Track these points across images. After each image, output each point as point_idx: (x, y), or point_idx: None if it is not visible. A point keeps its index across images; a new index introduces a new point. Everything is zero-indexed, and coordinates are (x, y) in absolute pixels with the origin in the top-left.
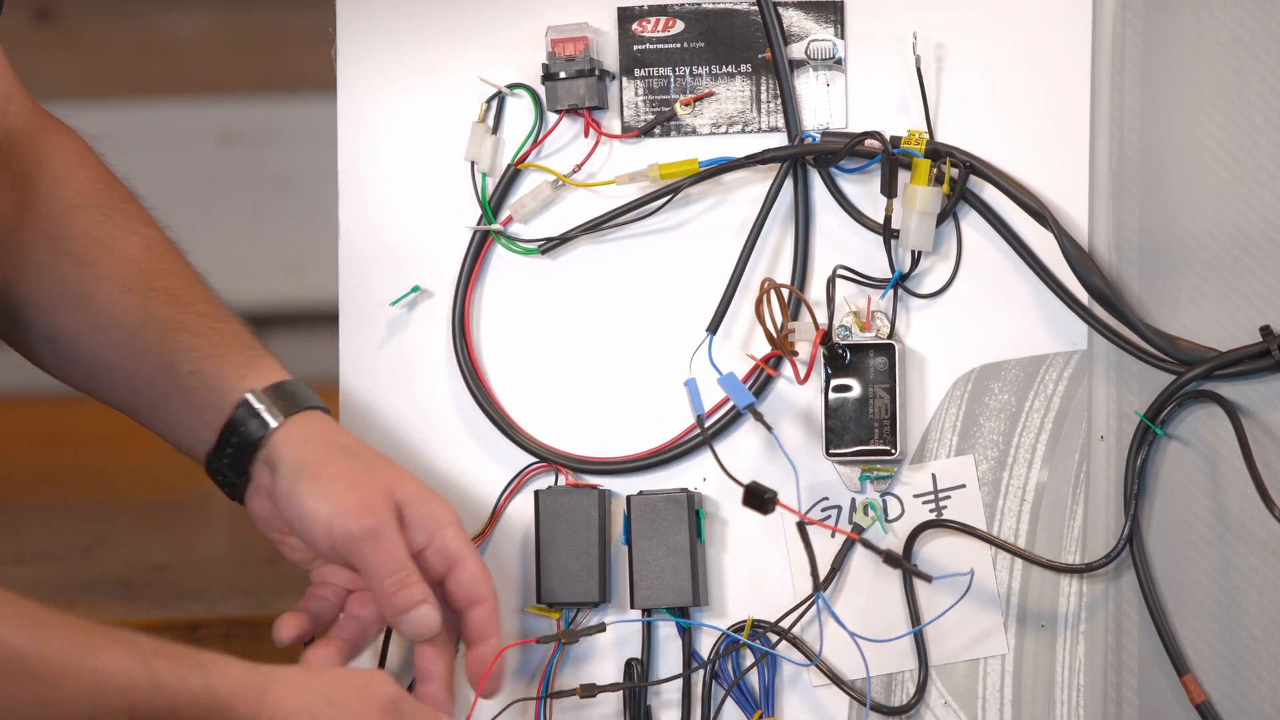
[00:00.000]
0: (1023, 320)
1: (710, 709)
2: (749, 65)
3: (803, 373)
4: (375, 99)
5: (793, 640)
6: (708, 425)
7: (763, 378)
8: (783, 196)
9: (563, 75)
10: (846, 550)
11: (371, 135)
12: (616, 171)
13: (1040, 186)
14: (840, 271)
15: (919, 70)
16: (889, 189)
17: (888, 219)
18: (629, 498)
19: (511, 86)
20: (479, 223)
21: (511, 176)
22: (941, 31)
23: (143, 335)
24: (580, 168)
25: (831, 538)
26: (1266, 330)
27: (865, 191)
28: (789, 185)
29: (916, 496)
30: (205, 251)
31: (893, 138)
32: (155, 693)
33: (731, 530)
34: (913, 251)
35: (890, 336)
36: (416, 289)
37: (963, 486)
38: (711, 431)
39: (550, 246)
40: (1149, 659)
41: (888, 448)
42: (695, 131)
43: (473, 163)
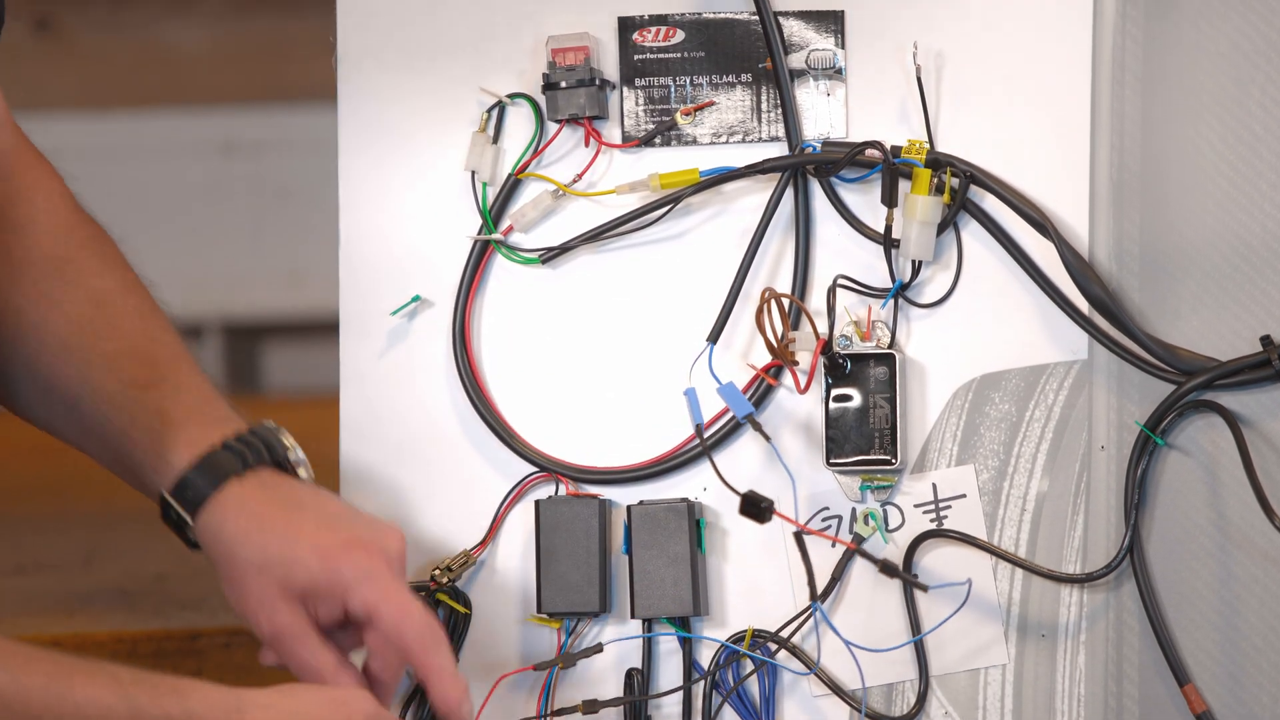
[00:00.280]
0: (1023, 330)
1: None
2: (749, 75)
3: (803, 382)
4: (376, 108)
5: (792, 650)
6: (707, 435)
7: (763, 387)
8: (783, 206)
9: (563, 85)
10: (846, 560)
11: (372, 145)
12: (617, 181)
13: (1041, 196)
14: (841, 281)
15: (919, 80)
16: (889, 199)
17: (888, 228)
18: (629, 507)
19: (512, 96)
20: (479, 232)
21: (512, 186)
22: (942, 41)
23: (82, 405)
24: (580, 177)
25: (832, 547)
26: (1267, 340)
27: (866, 201)
28: (789, 195)
29: (917, 506)
30: (206, 261)
31: (893, 147)
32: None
33: (732, 540)
34: (913, 261)
35: (891, 346)
36: (417, 298)
37: (963, 496)
38: (711, 441)
39: (551, 256)
40: (1149, 669)
41: (888, 457)
42: (696, 141)
43: (473, 172)
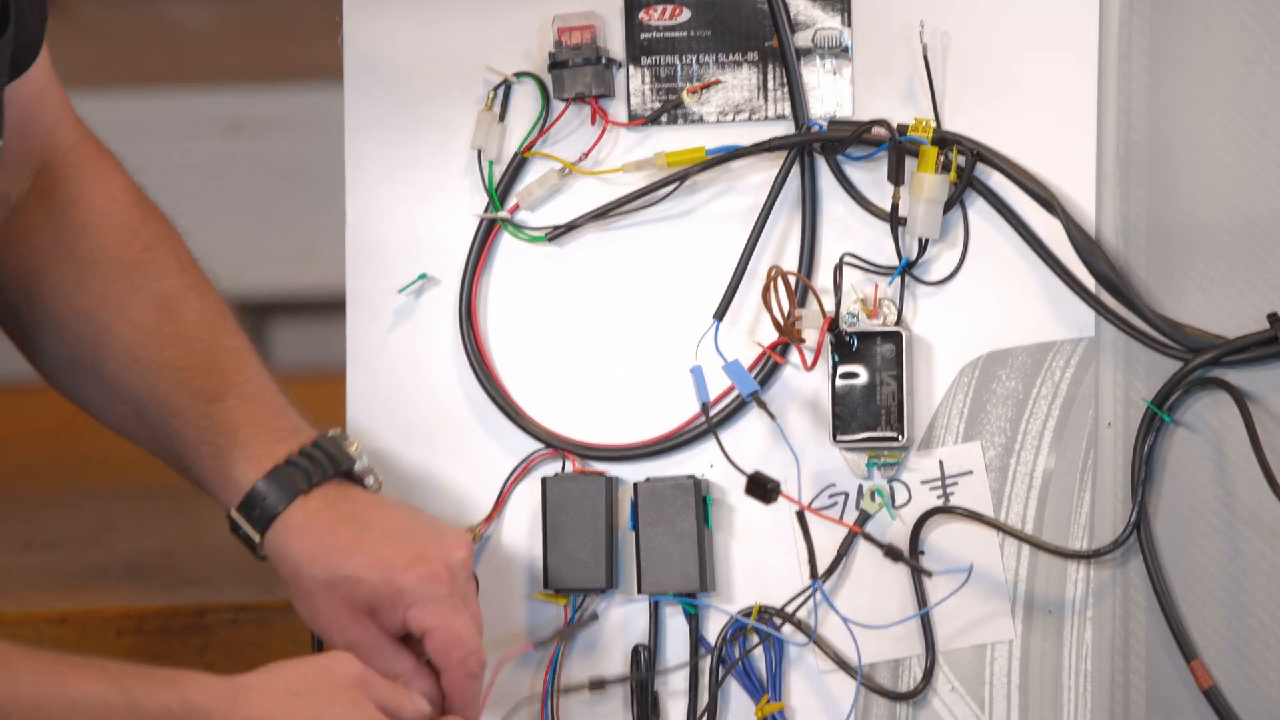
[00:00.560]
0: (1030, 307)
1: (718, 695)
2: (756, 53)
3: (809, 360)
4: (382, 87)
5: (797, 625)
6: (713, 412)
7: (770, 365)
8: (789, 184)
9: (569, 63)
10: (851, 538)
11: (378, 123)
12: (623, 159)
13: (1047, 174)
14: (847, 259)
15: (926, 58)
16: (896, 176)
17: (895, 206)
18: (636, 484)
19: (518, 75)
20: (486, 210)
21: (518, 165)
22: (948, 19)
23: (148, 413)
24: (587, 155)
25: (838, 524)
26: (1274, 317)
27: (872, 179)
28: (796, 173)
29: (924, 483)
30: (212, 241)
31: (899, 125)
32: (134, 713)
33: (739, 517)
34: (920, 239)
35: (897, 323)
36: (424, 276)
37: (970, 473)
38: (717, 419)
39: (557, 234)
40: (1156, 645)
41: (895, 434)
42: (702, 119)
43: (479, 151)
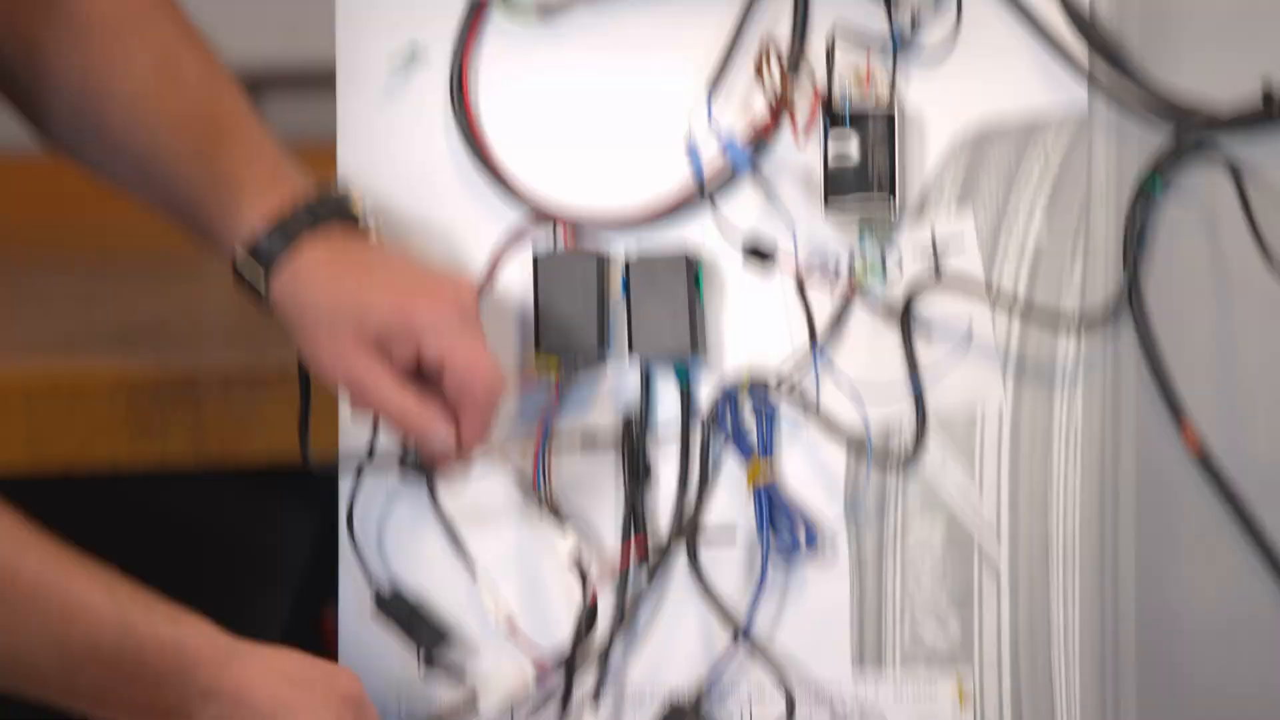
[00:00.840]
0: (1023, 80)
1: (709, 457)
2: None
3: (802, 132)
4: None
5: (791, 390)
6: (706, 185)
7: (762, 138)
8: None
9: None
10: (845, 307)
11: None
12: None
13: None
14: (839, 32)
15: None
16: None
17: None
18: (628, 254)
19: None
20: None
21: None
22: None
23: (151, 169)
24: None
25: (830, 292)
26: (1268, 86)
27: None
28: None
29: (915, 250)
30: (201, 10)
31: None
32: (123, 634)
33: (730, 289)
34: (912, 11)
35: (890, 96)
36: (414, 45)
37: (962, 240)
38: (710, 192)
39: (549, 11)
40: (1147, 410)
41: (887, 205)
42: None
43: None
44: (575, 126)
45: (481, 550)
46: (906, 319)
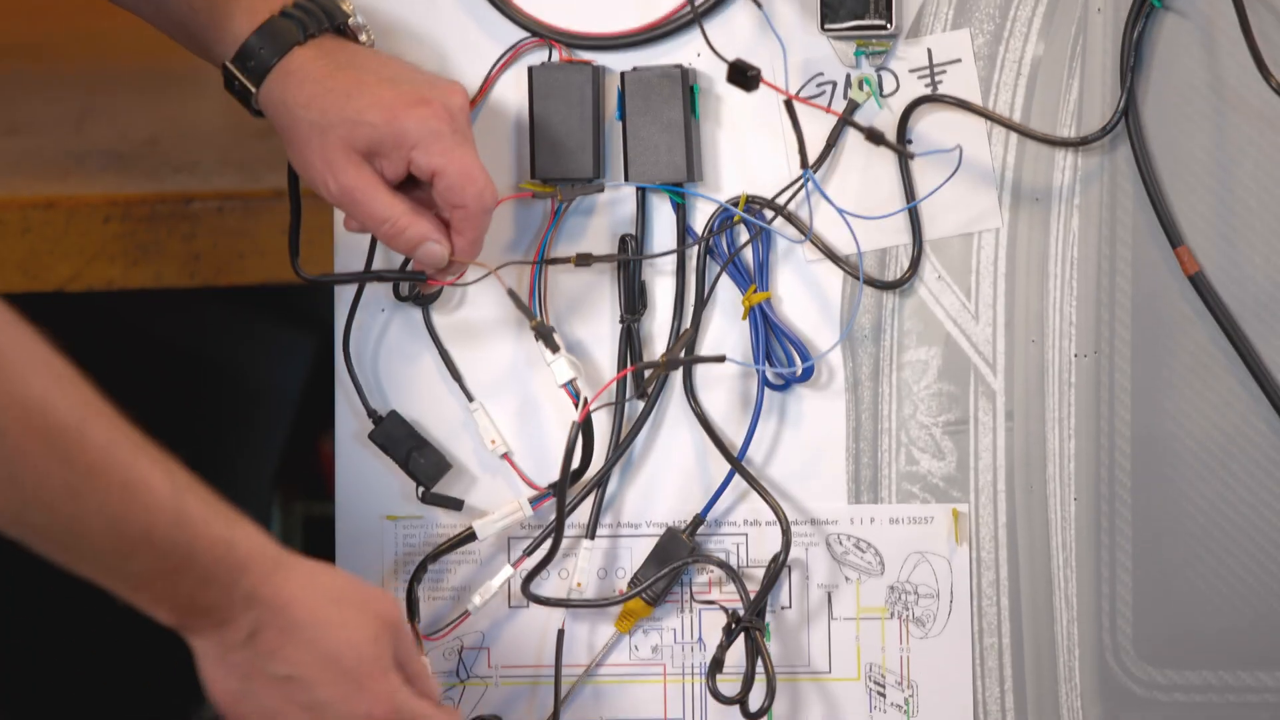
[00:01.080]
0: None
1: (705, 283)
2: None
3: None
4: None
5: (787, 216)
6: (698, 1)
7: None
8: None
9: None
10: (839, 127)
11: None
12: None
13: None
14: None
15: None
16: None
17: None
18: (623, 73)
19: None
20: None
21: None
22: None
23: None
24: None
25: (825, 114)
26: None
27: None
28: None
29: (912, 71)
30: None
31: None
32: (177, 524)
33: (726, 108)
34: None
35: None
36: None
37: (958, 61)
38: (703, 8)
39: None
40: (1143, 231)
41: (883, 22)
42: None
43: None
44: None
45: (477, 378)
46: (902, 136)
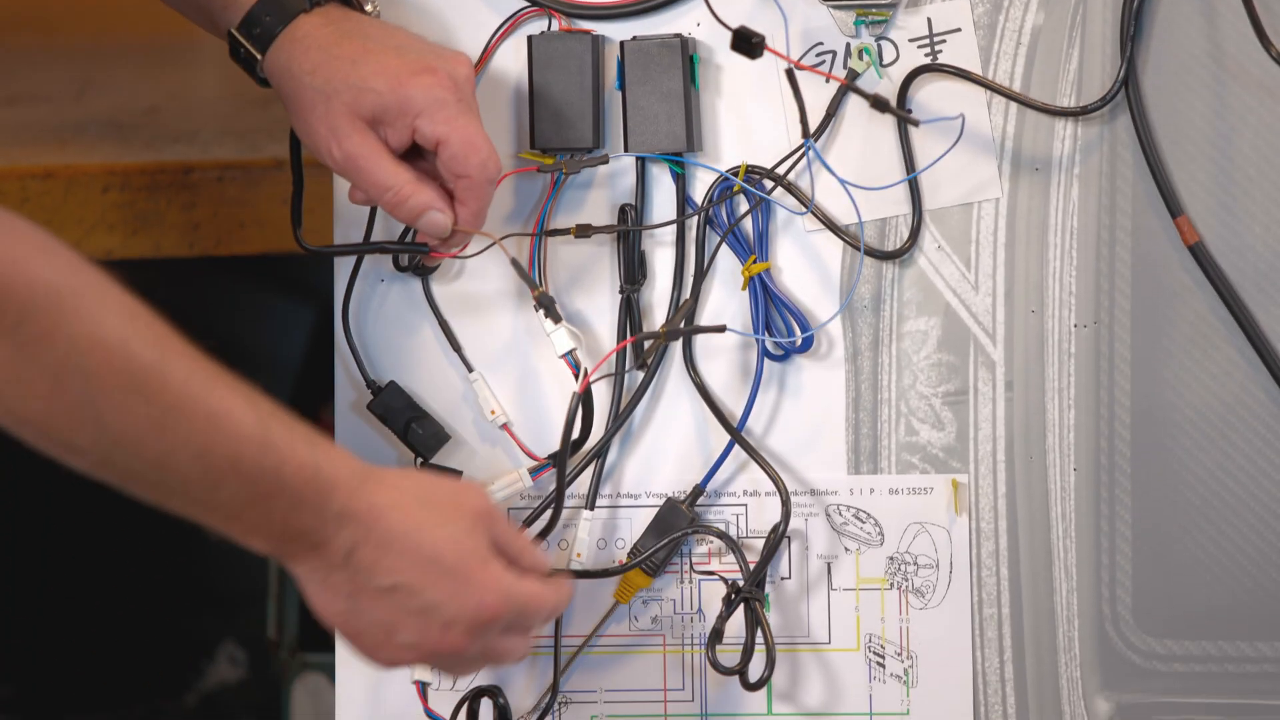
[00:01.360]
0: None
1: (705, 253)
2: None
3: None
4: None
5: (787, 186)
6: None
7: None
8: None
9: None
10: (840, 97)
11: None
12: None
13: None
14: None
15: None
16: None
17: None
18: (622, 43)
19: None
20: None
21: None
22: None
23: None
24: None
25: (825, 84)
26: None
27: None
28: None
29: (912, 40)
30: None
31: None
32: (264, 450)
33: (725, 77)
34: None
35: None
36: None
37: (958, 30)
38: None
39: None
40: (1143, 201)
41: None
42: None
43: None
44: None
45: (477, 349)
46: (902, 106)
